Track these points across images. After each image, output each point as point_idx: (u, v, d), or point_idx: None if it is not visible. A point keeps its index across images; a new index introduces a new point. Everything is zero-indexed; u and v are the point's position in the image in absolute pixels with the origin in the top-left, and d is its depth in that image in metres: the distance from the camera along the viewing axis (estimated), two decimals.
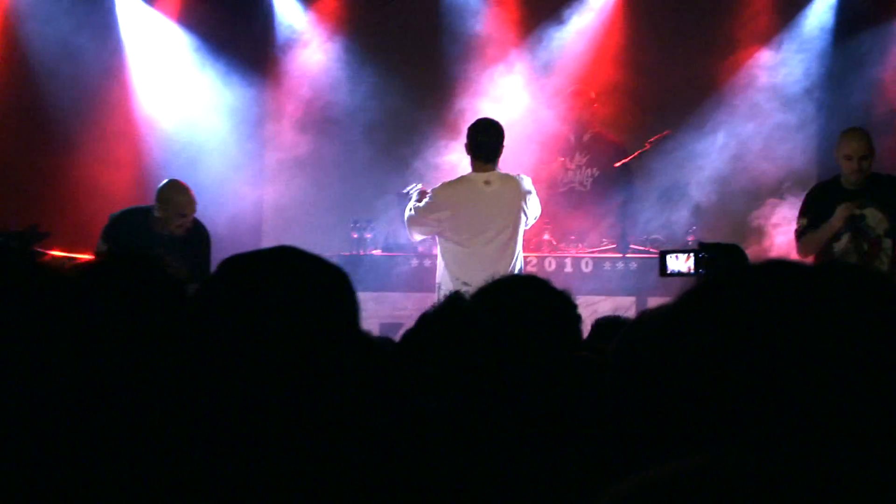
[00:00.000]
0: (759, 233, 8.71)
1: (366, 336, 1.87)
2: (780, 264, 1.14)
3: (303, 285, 1.71)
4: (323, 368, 1.51)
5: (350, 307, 1.72)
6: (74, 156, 9.87)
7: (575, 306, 2.54)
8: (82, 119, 9.93)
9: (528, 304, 2.42)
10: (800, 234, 7.02)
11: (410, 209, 7.23)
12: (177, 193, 7.46)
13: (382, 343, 3.44)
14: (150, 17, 10.33)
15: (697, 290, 1.14)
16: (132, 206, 7.78)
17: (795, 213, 7.25)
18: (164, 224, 7.44)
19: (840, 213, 6.75)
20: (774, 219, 8.58)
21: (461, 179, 7.20)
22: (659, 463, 1.00)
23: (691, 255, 5.88)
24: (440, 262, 7.29)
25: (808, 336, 1.04)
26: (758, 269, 1.14)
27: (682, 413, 1.08)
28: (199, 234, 7.59)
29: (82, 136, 9.91)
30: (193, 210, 7.46)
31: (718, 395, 1.06)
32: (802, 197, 7.24)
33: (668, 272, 5.94)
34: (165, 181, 7.62)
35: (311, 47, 10.56)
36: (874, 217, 6.77)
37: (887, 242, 6.76)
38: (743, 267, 1.19)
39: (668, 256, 5.97)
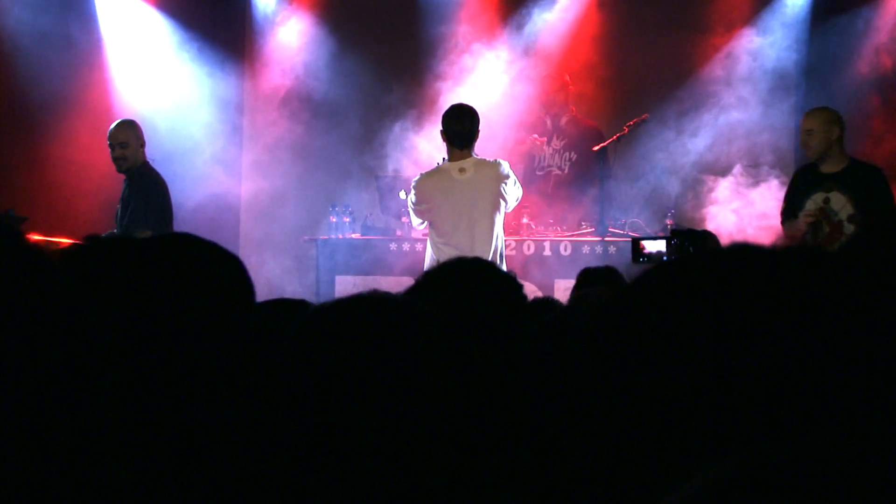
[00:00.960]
0: (736, 215, 8.74)
1: (261, 320, 1.89)
2: (735, 250, 1.14)
3: (196, 270, 1.73)
4: (217, 352, 1.52)
5: (244, 291, 1.76)
6: (52, 140, 9.82)
7: (520, 287, 2.54)
8: (60, 104, 9.88)
9: (471, 287, 2.42)
10: (782, 217, 7.23)
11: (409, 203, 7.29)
12: (113, 124, 7.79)
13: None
14: (129, 2, 10.27)
15: (643, 279, 1.14)
16: None
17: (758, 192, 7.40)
18: None
19: (802, 221, 6.95)
20: (748, 198, 8.63)
21: (436, 170, 7.18)
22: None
23: (664, 241, 5.90)
24: (427, 250, 7.29)
25: (753, 322, 1.04)
26: (705, 255, 1.14)
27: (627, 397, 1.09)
28: (142, 179, 7.65)
29: (60, 121, 9.87)
30: (117, 139, 7.65)
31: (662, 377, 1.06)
32: (777, 176, 7.37)
33: (641, 258, 5.97)
34: None
35: (289, 31, 10.53)
36: (838, 201, 6.86)
37: (849, 228, 6.82)
38: (688, 255, 1.19)
39: (641, 242, 6.00)
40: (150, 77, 10.22)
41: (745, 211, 8.65)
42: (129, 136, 7.67)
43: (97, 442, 1.46)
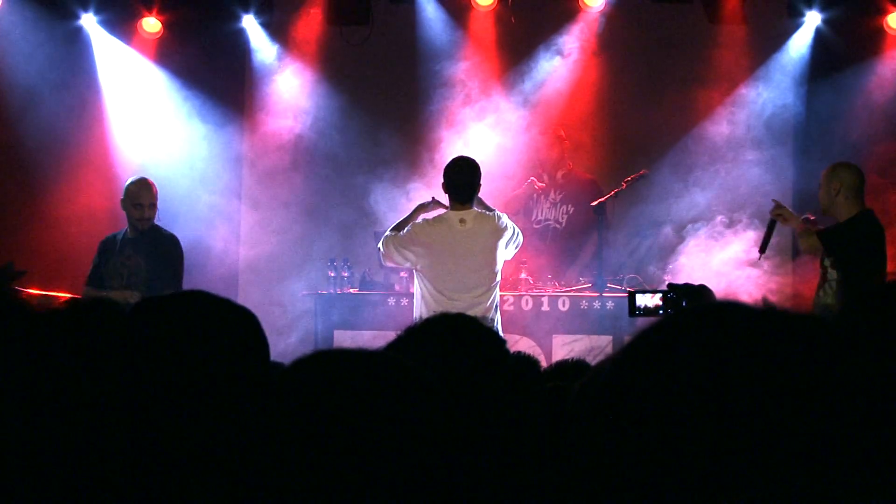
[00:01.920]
0: (736, 271, 8.72)
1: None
2: (721, 309, 1.16)
3: (211, 326, 1.74)
4: (230, 405, 1.51)
5: (258, 347, 1.77)
6: (51, 194, 9.86)
7: (503, 343, 2.53)
8: (61, 159, 9.93)
9: (453, 342, 2.41)
10: None
11: (387, 233, 7.28)
12: (133, 185, 7.78)
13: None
14: (127, 56, 10.34)
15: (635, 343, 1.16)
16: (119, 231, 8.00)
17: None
18: (131, 227, 7.77)
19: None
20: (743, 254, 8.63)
21: (438, 218, 7.25)
22: None
23: (660, 295, 5.89)
24: (416, 303, 7.28)
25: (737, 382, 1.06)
26: (695, 314, 1.16)
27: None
28: (162, 240, 7.78)
29: (61, 177, 9.91)
30: (147, 199, 7.70)
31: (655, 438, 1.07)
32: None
33: (637, 312, 5.95)
34: (129, 179, 7.89)
35: (289, 85, 10.56)
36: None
37: (832, 273, 6.86)
38: (677, 314, 1.21)
39: (637, 296, 5.99)
40: (152, 134, 10.27)
41: (745, 266, 8.63)
42: (156, 196, 7.80)
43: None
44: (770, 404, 1.05)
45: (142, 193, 7.71)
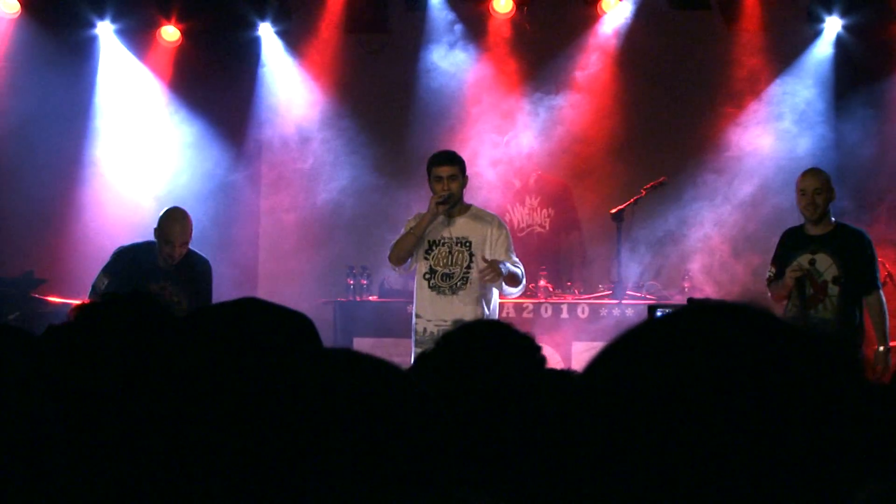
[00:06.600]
0: (754, 281, 8.72)
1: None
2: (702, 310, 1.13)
3: (266, 333, 1.75)
4: (289, 413, 1.52)
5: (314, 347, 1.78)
6: (69, 203, 9.89)
7: (538, 349, 2.53)
8: (76, 173, 9.98)
9: (493, 348, 2.41)
10: (769, 280, 7.15)
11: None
12: (166, 219, 7.08)
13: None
14: (136, 70, 10.29)
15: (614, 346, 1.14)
16: (140, 241, 7.38)
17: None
18: (160, 257, 7.12)
19: (788, 276, 6.87)
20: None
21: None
22: None
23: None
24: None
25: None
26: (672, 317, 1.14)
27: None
28: (197, 266, 7.29)
29: (78, 190, 9.95)
30: (180, 238, 7.04)
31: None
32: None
33: None
34: (165, 209, 7.29)
35: (302, 95, 10.51)
36: (823, 263, 6.85)
37: (834, 289, 6.82)
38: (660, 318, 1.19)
39: (657, 311, 5.98)
40: (162, 147, 10.22)
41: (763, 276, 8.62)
42: (190, 232, 7.15)
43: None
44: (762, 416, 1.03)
45: (174, 229, 7.03)
